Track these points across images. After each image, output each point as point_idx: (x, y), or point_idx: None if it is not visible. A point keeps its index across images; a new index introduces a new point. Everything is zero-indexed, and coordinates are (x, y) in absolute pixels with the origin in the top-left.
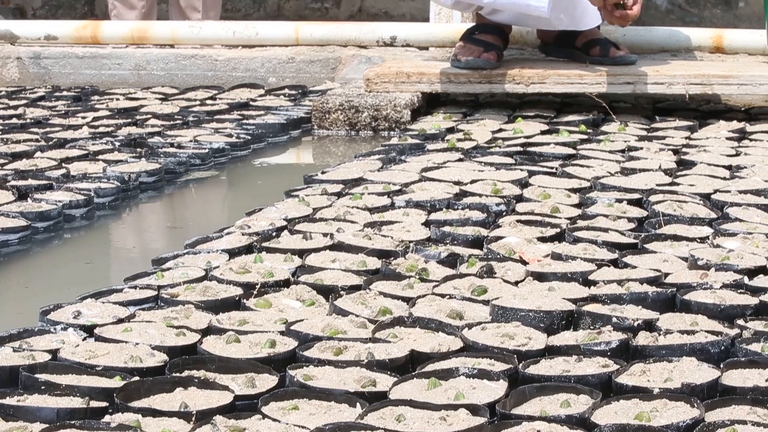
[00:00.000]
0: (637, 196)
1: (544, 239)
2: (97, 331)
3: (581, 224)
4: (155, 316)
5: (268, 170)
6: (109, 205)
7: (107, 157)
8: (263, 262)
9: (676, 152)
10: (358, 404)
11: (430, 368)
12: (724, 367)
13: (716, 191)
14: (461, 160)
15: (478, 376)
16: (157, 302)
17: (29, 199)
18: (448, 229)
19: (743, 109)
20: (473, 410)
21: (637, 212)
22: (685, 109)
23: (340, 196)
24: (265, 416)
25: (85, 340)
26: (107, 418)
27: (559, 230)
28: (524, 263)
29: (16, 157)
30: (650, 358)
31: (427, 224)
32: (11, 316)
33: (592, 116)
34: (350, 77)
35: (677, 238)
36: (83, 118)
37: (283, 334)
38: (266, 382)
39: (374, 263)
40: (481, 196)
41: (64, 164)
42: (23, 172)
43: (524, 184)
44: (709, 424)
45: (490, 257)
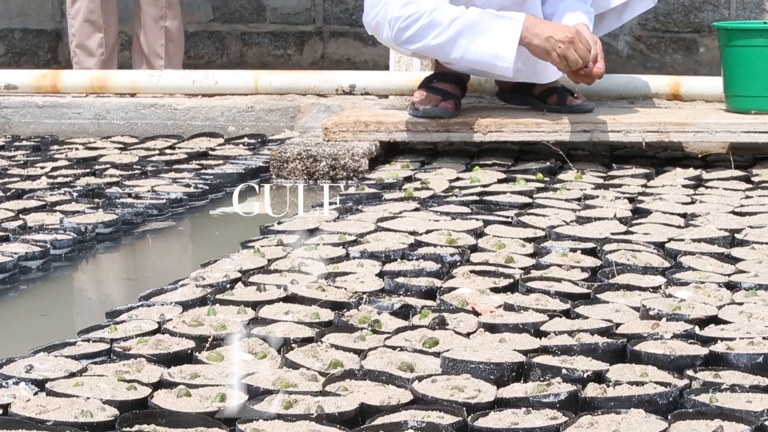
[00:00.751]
0: (591, 245)
1: (497, 290)
2: (48, 385)
3: (535, 274)
4: (107, 369)
5: (225, 220)
6: (65, 256)
7: (65, 207)
8: (216, 314)
9: (632, 200)
10: None
11: (379, 421)
12: (671, 418)
13: (670, 240)
14: (417, 209)
15: (426, 429)
16: (109, 356)
17: None
18: (401, 280)
19: (700, 156)
20: None
21: (591, 261)
22: (642, 156)
23: (295, 247)
24: None
25: (36, 394)
26: None
27: (512, 280)
28: (477, 314)
29: None
30: (598, 410)
31: (381, 275)
32: None
33: (549, 164)
34: (309, 126)
35: (630, 287)
36: (42, 168)
37: (233, 387)
38: None
39: (327, 315)
40: (435, 246)
41: (21, 215)
42: None
43: (479, 233)
44: None
45: (442, 308)
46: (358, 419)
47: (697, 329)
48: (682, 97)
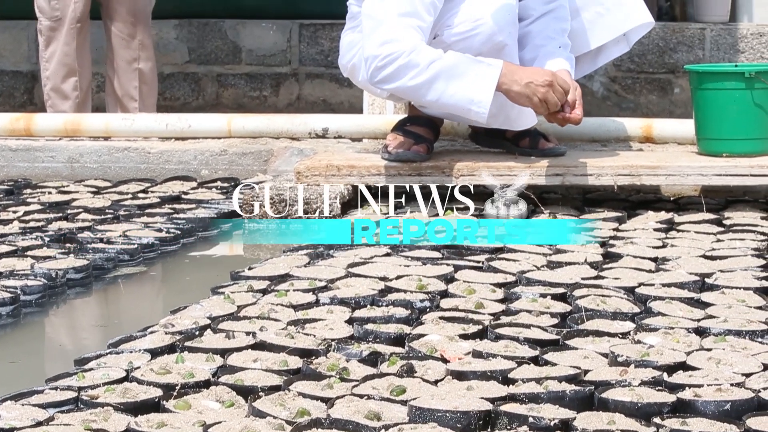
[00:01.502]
0: (561, 290)
1: (466, 336)
2: None
3: (504, 320)
4: (74, 418)
5: (196, 265)
6: (35, 302)
7: (36, 253)
8: (185, 362)
9: (603, 244)
10: None
11: None
12: None
13: (640, 285)
14: (388, 254)
15: None
16: (76, 404)
17: None
18: (371, 326)
19: (672, 198)
20: None
21: (560, 307)
22: (614, 199)
23: (265, 292)
24: None
25: None
26: None
27: (481, 327)
28: (445, 361)
29: None
30: None
31: (350, 322)
32: None
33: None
34: (282, 169)
35: (599, 333)
36: (14, 212)
37: None
38: None
39: (296, 362)
40: (405, 292)
41: None
42: None
43: (450, 279)
44: None
45: (411, 355)
46: None
47: (665, 376)
48: (654, 139)
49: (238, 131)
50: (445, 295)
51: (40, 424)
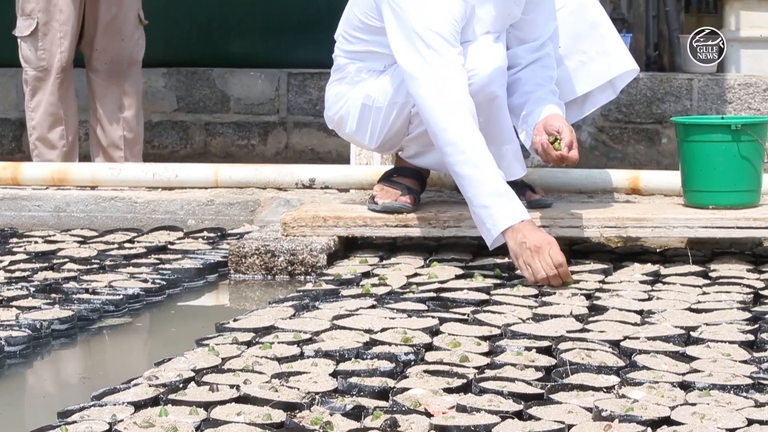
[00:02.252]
0: (546, 343)
1: (450, 390)
2: None
3: (489, 374)
4: None
5: (182, 317)
6: (20, 353)
7: (21, 303)
8: (168, 415)
9: (588, 297)
10: None
11: None
12: None
13: (626, 338)
14: (374, 306)
15: None
16: None
17: None
18: (355, 380)
19: (658, 250)
20: None
21: (545, 360)
22: (601, 251)
23: (250, 345)
24: None
25: None
26: None
27: (465, 381)
28: (429, 416)
29: None
30: None
31: (334, 375)
32: None
33: (507, 260)
34: (269, 220)
35: (583, 387)
36: (0, 262)
37: None
38: None
39: (280, 416)
40: (390, 345)
41: None
42: None
43: (435, 331)
44: None
45: (395, 409)
46: None
47: (649, 431)
48: (641, 191)
49: (225, 181)
50: (430, 347)
51: None
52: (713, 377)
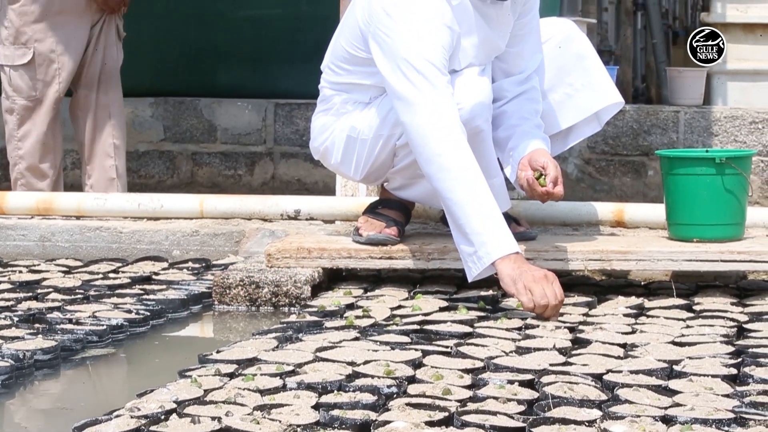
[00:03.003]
0: (529, 377)
1: (432, 423)
2: None
3: (471, 407)
4: None
5: (165, 348)
6: (2, 384)
7: (4, 333)
8: None
9: (572, 330)
10: None
11: None
12: None
13: (608, 371)
14: (357, 339)
15: None
16: None
17: None
18: (337, 412)
19: (643, 283)
20: None
21: (528, 394)
22: (585, 283)
23: (232, 376)
24: None
25: None
26: None
27: (447, 414)
28: None
29: None
30: None
31: (317, 407)
32: None
33: (492, 292)
34: (254, 251)
35: (565, 421)
36: None
37: None
38: None
39: None
40: (373, 377)
41: None
42: None
43: (418, 364)
44: None
45: None
46: None
47: None
48: (626, 223)
49: (210, 212)
50: (412, 380)
51: None
52: (695, 411)
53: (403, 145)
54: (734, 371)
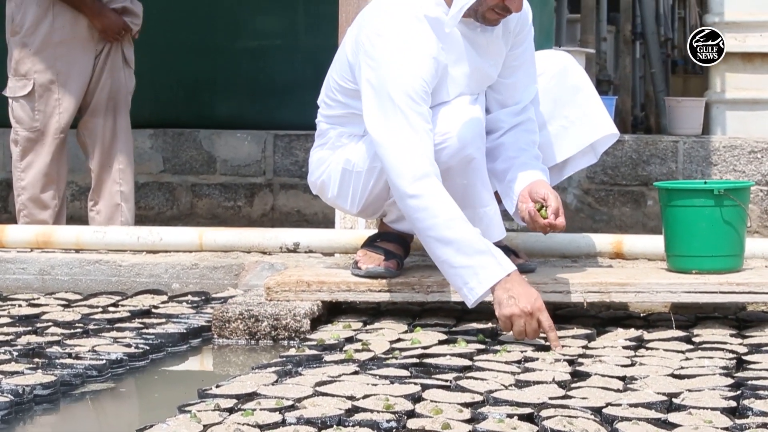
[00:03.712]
0: (528, 410)
1: None
2: None
3: None
4: None
5: (165, 382)
6: (2, 419)
7: (4, 368)
8: None
9: (571, 363)
10: None
11: None
12: None
13: (608, 405)
14: (357, 372)
15: None
16: None
17: None
18: None
19: (642, 315)
20: None
21: (527, 428)
22: (584, 315)
23: (232, 411)
24: None
25: None
26: None
27: None
28: None
29: None
30: None
31: None
32: None
33: (491, 324)
34: (253, 284)
35: None
36: None
37: None
38: None
39: None
40: (372, 412)
41: None
42: None
43: (417, 398)
44: None
45: None
46: None
47: None
48: (624, 255)
49: (209, 245)
50: (412, 415)
51: None
52: None
53: None
54: (733, 404)
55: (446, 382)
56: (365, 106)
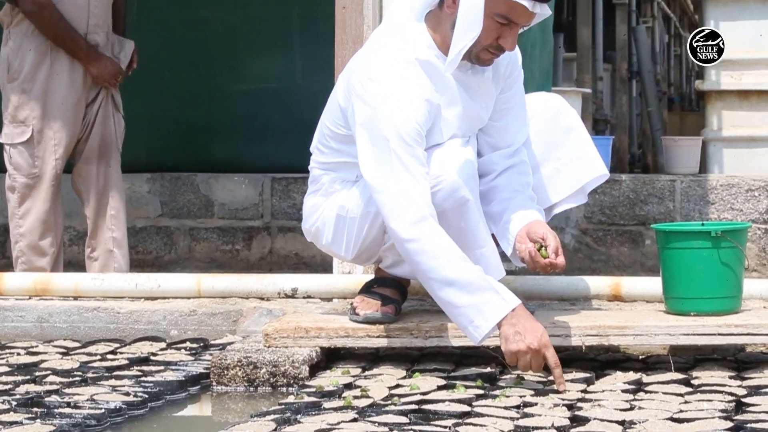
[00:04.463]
0: None
1: None
2: None
3: None
4: None
5: (164, 431)
6: None
7: (2, 418)
8: None
9: (570, 407)
10: None
11: None
12: None
13: None
14: (356, 420)
15: None
16: None
17: None
18: None
19: (641, 357)
20: None
21: None
22: (583, 359)
23: None
24: None
25: None
26: None
27: None
28: None
29: None
30: None
31: None
32: None
33: (489, 369)
34: (251, 330)
35: None
36: None
37: None
38: None
39: None
40: None
41: None
42: None
43: None
44: None
45: None
46: None
47: None
48: (623, 297)
49: (207, 291)
50: None
51: None
52: None
53: None
54: None
55: (445, 428)
56: (360, 150)
